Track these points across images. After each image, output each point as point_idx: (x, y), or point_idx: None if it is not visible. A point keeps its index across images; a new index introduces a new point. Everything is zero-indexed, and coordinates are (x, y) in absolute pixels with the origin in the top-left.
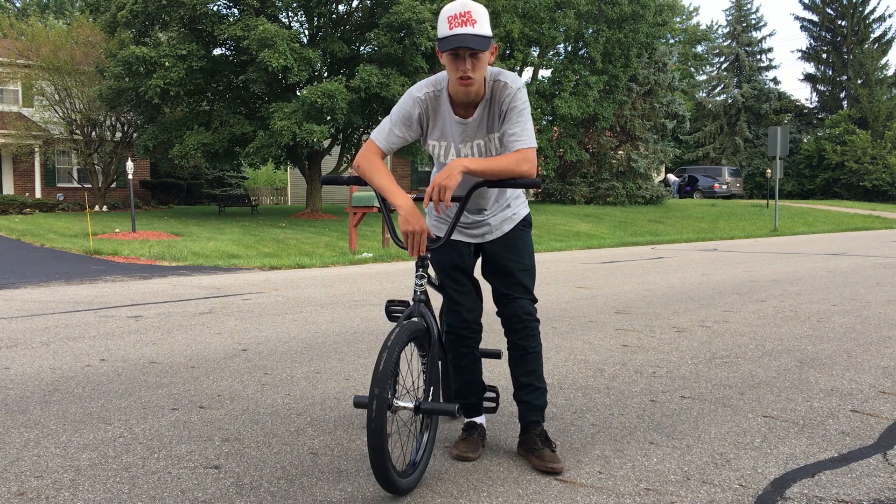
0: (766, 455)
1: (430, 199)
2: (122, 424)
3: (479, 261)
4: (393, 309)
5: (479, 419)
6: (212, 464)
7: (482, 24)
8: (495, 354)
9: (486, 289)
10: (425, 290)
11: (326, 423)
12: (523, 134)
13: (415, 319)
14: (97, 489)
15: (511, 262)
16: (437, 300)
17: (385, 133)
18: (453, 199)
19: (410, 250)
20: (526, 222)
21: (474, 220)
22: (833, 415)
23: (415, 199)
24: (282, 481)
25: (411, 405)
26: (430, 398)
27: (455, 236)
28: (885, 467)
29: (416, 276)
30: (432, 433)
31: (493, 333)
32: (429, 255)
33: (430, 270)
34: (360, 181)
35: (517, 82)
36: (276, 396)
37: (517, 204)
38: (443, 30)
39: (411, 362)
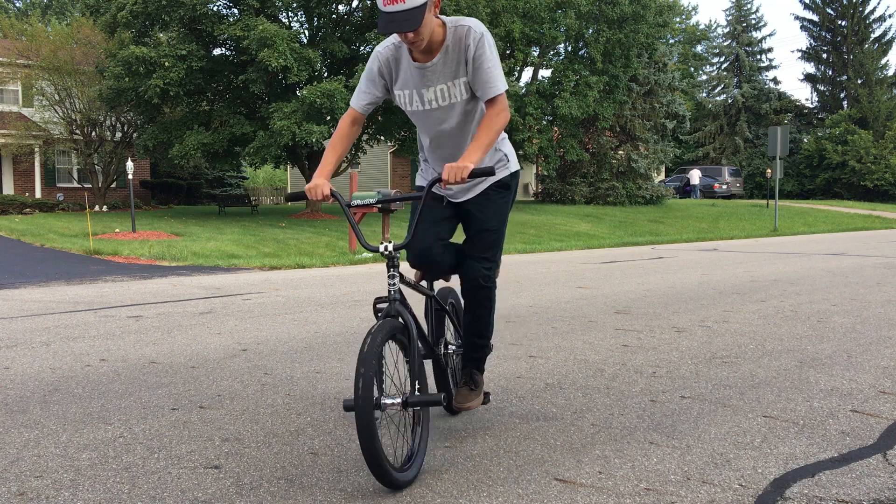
0: (766, 455)
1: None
2: (122, 424)
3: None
4: (379, 307)
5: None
6: (212, 464)
7: None
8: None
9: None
10: (399, 289)
11: (326, 423)
12: (496, 80)
13: (394, 319)
14: (97, 489)
15: (476, 223)
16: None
17: (357, 95)
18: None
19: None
20: (502, 184)
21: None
22: (833, 415)
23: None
24: (282, 481)
25: (399, 401)
26: (416, 392)
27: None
28: (885, 467)
29: (389, 276)
30: (425, 426)
31: None
32: (397, 255)
33: (402, 269)
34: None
35: (480, 26)
36: (276, 396)
37: (499, 155)
38: (378, 4)
39: (397, 361)
